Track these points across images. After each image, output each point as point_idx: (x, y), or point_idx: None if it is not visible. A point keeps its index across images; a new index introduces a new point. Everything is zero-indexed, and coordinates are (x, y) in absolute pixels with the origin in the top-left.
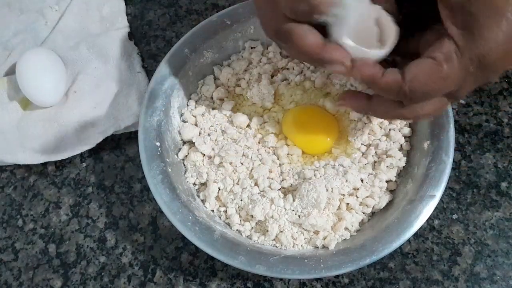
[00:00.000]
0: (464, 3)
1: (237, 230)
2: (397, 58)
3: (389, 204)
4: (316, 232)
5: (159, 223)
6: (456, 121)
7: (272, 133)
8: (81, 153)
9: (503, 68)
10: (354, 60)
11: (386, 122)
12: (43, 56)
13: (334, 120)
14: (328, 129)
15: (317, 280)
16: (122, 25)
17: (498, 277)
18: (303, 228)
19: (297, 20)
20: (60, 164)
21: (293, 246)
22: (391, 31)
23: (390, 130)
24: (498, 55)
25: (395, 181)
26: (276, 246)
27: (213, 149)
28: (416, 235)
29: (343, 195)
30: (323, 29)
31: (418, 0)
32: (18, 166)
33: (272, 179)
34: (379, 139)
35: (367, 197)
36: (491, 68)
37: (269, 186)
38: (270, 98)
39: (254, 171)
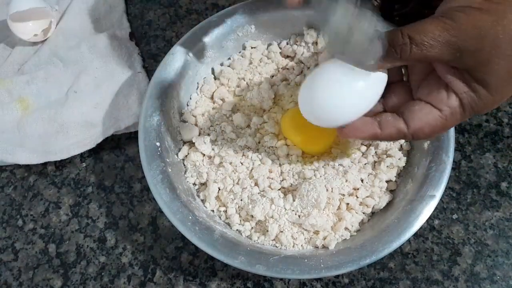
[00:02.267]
0: (471, 69)
1: (237, 230)
2: None
3: (389, 204)
4: (316, 232)
5: (159, 223)
6: None
7: (271, 133)
8: (81, 153)
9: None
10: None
11: None
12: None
13: None
14: (326, 129)
15: (317, 280)
16: (122, 25)
17: (498, 277)
18: (303, 228)
19: None
20: (60, 164)
21: (293, 246)
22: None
23: None
24: (488, 109)
25: (395, 181)
26: (276, 246)
27: (213, 149)
28: (416, 235)
29: (343, 195)
30: None
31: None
32: (18, 166)
33: (272, 179)
34: None
35: (367, 197)
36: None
37: (269, 186)
38: (269, 102)
39: (254, 171)
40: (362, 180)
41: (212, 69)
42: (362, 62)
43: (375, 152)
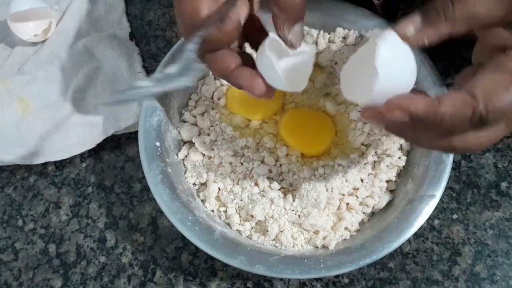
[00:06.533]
0: None
1: (237, 230)
2: None
3: (389, 204)
4: (316, 232)
5: (159, 223)
6: None
7: (271, 133)
8: (81, 153)
9: None
10: (389, 101)
11: None
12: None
13: (329, 120)
14: (324, 129)
15: (317, 280)
16: (122, 25)
17: (498, 277)
18: (303, 228)
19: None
20: (60, 164)
21: (293, 246)
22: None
23: None
24: None
25: (395, 181)
26: (276, 246)
27: (213, 149)
28: (416, 235)
29: (343, 195)
30: None
31: None
32: (18, 166)
33: (272, 179)
34: (379, 139)
35: (367, 197)
36: None
37: (269, 186)
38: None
39: (254, 171)
40: (362, 180)
41: None
42: None
43: (375, 152)
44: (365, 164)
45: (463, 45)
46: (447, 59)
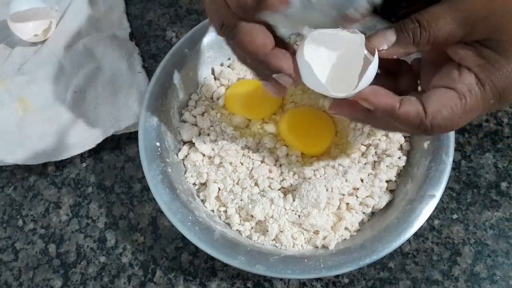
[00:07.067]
0: (485, 38)
1: (237, 230)
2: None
3: (389, 204)
4: (316, 232)
5: (159, 223)
6: None
7: (271, 133)
8: (81, 153)
9: None
10: (361, 92)
11: None
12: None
13: (330, 120)
14: (324, 129)
15: (317, 280)
16: (122, 25)
17: (498, 277)
18: (303, 228)
19: (245, 16)
20: (60, 164)
21: (293, 246)
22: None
23: None
24: None
25: (395, 181)
26: (276, 246)
27: (213, 149)
28: (416, 235)
29: (343, 195)
30: None
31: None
32: (18, 166)
33: (272, 179)
34: (379, 139)
35: (367, 197)
36: (509, 100)
37: (269, 186)
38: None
39: (254, 171)
40: (362, 180)
41: (212, 69)
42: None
43: (375, 152)
44: (365, 164)
45: None
46: None
